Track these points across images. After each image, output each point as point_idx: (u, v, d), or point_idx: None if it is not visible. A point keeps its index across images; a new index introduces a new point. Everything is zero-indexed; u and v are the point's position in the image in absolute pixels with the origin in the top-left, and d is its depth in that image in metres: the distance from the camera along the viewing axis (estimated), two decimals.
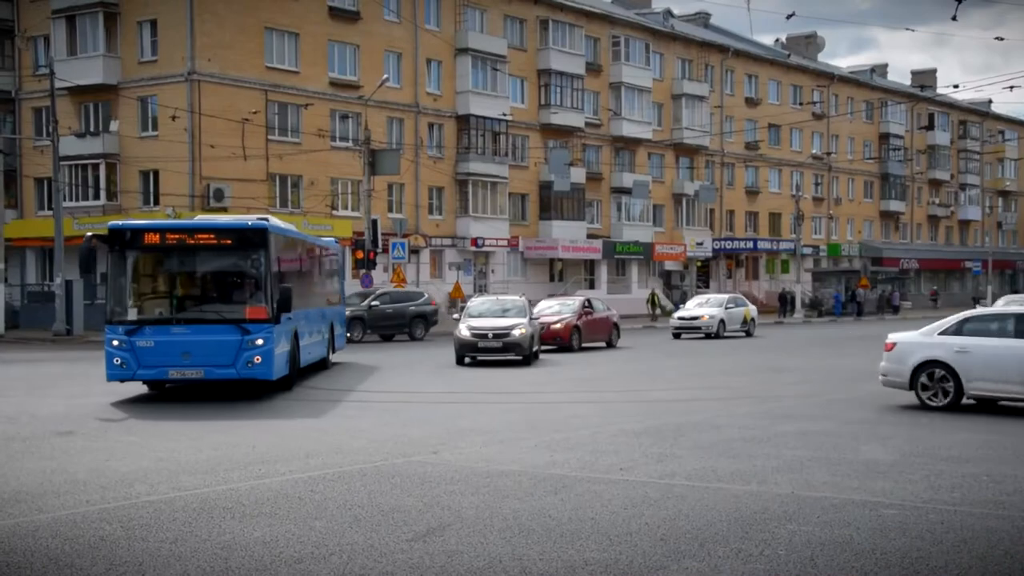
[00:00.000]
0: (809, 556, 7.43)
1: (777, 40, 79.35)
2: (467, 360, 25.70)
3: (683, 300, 53.31)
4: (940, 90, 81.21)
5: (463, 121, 51.44)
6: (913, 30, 61.97)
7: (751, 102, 68.96)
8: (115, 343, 16.93)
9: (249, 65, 43.25)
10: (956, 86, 75.16)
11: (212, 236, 17.40)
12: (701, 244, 63.93)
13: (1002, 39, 48.89)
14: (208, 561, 7.35)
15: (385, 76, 44.22)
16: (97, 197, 43.72)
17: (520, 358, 25.53)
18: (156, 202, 42.56)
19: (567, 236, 55.69)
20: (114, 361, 16.97)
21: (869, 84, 79.70)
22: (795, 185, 71.57)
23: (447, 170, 51.20)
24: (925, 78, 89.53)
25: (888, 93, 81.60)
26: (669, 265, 64.54)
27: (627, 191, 58.46)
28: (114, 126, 43.55)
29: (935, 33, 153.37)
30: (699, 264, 65.84)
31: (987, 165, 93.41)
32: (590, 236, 57.60)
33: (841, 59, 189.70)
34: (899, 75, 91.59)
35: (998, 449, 12.33)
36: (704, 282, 66.28)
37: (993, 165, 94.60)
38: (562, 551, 7.59)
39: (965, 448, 12.38)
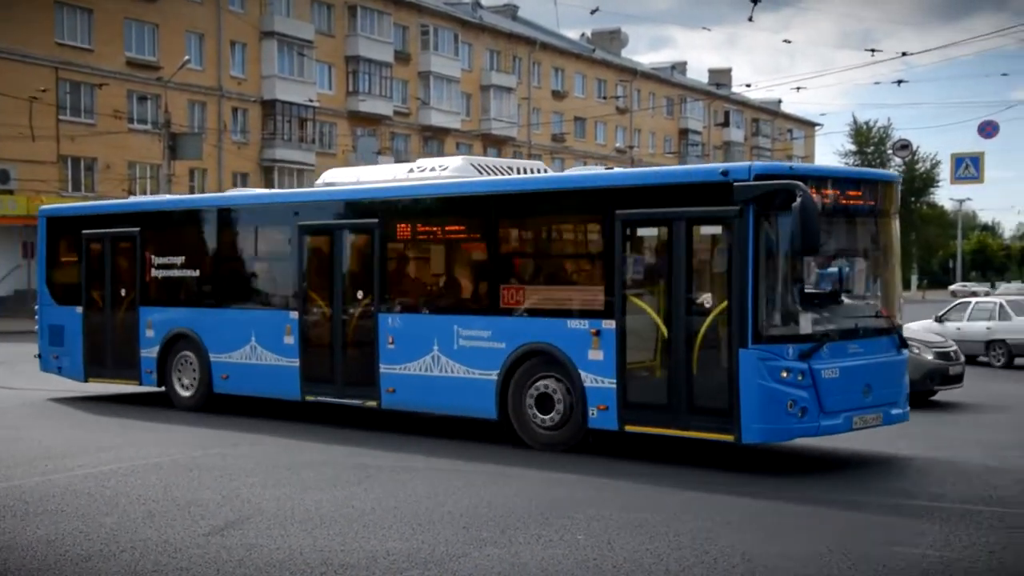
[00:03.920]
0: (607, 540, 7.62)
1: (583, 35, 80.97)
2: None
3: None
4: (735, 89, 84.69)
5: (269, 106, 50.34)
6: (709, 30, 64.53)
7: (558, 95, 70.17)
8: (784, 374, 9.86)
9: (37, 41, 40.95)
10: (748, 85, 78.55)
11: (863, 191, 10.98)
12: None
13: (789, 42, 51.41)
14: None
15: (186, 58, 42.73)
16: None
17: None
18: None
19: None
20: (786, 407, 9.82)
21: (670, 81, 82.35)
22: None
23: (252, 156, 50.03)
24: (721, 77, 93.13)
25: (687, 90, 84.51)
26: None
27: None
28: None
29: (729, 34, 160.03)
30: None
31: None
32: None
33: (643, 56, 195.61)
34: (697, 73, 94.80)
35: None
36: None
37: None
38: (364, 541, 7.53)
39: None
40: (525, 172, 13.22)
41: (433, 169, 13.16)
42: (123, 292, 15.77)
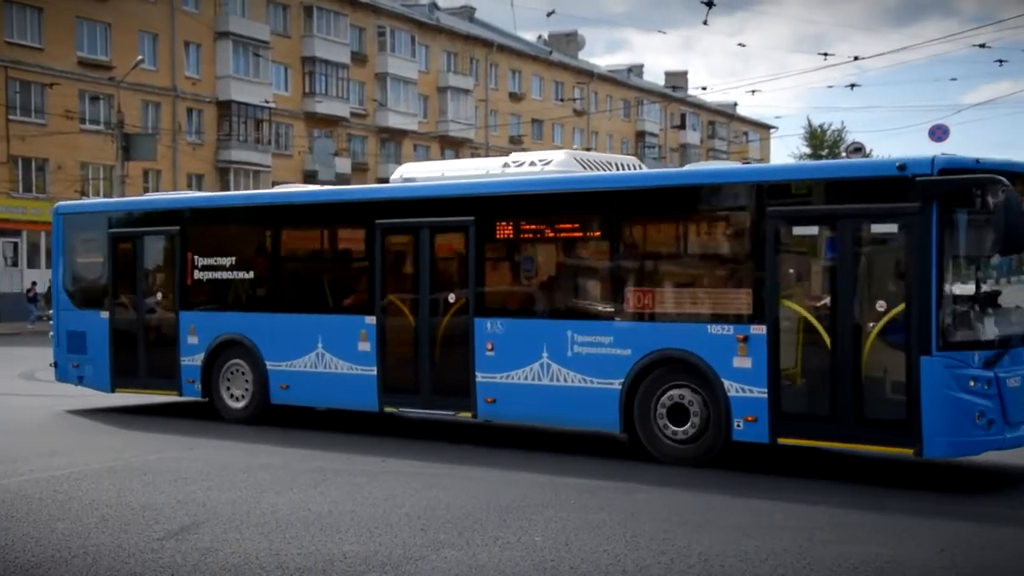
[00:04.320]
0: (564, 541, 7.63)
1: (540, 37, 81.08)
2: None
3: None
4: (691, 91, 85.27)
5: (224, 107, 49.94)
6: (665, 33, 64.89)
7: (515, 97, 70.23)
8: (972, 383, 9.18)
9: None
10: (704, 88, 79.09)
11: None
12: None
13: (744, 45, 51.84)
14: None
15: (139, 58, 42.30)
16: None
17: None
18: None
19: None
20: (974, 418, 9.19)
21: (627, 83, 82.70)
22: None
23: (207, 157, 49.60)
24: (677, 79, 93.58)
25: (644, 92, 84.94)
26: None
27: None
28: None
29: (685, 37, 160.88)
30: None
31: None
32: None
33: (599, 58, 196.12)
34: (653, 76, 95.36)
35: None
36: None
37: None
38: (320, 545, 7.49)
39: None
40: (623, 168, 12.41)
41: (533, 164, 12.23)
42: (159, 295, 14.59)
